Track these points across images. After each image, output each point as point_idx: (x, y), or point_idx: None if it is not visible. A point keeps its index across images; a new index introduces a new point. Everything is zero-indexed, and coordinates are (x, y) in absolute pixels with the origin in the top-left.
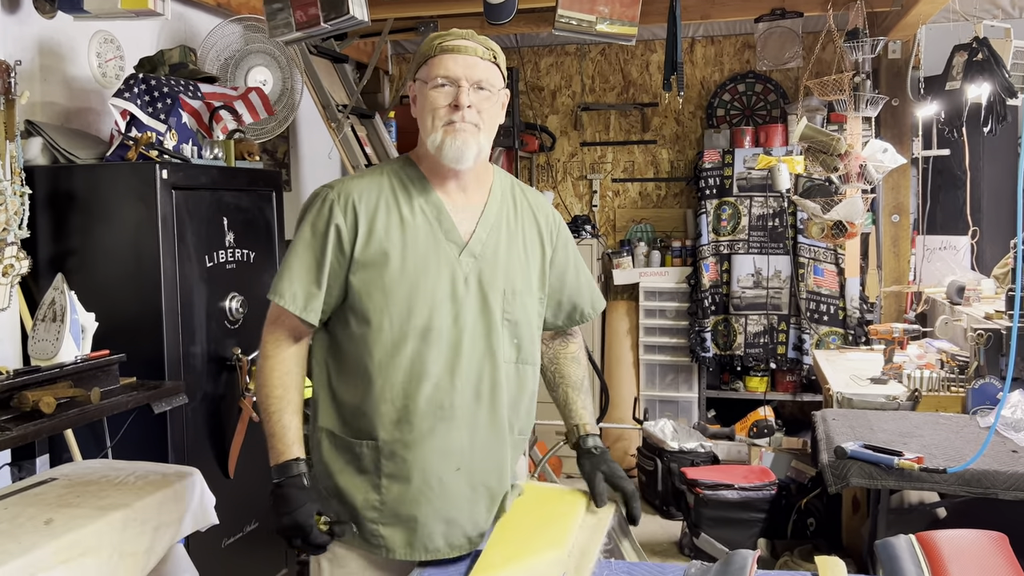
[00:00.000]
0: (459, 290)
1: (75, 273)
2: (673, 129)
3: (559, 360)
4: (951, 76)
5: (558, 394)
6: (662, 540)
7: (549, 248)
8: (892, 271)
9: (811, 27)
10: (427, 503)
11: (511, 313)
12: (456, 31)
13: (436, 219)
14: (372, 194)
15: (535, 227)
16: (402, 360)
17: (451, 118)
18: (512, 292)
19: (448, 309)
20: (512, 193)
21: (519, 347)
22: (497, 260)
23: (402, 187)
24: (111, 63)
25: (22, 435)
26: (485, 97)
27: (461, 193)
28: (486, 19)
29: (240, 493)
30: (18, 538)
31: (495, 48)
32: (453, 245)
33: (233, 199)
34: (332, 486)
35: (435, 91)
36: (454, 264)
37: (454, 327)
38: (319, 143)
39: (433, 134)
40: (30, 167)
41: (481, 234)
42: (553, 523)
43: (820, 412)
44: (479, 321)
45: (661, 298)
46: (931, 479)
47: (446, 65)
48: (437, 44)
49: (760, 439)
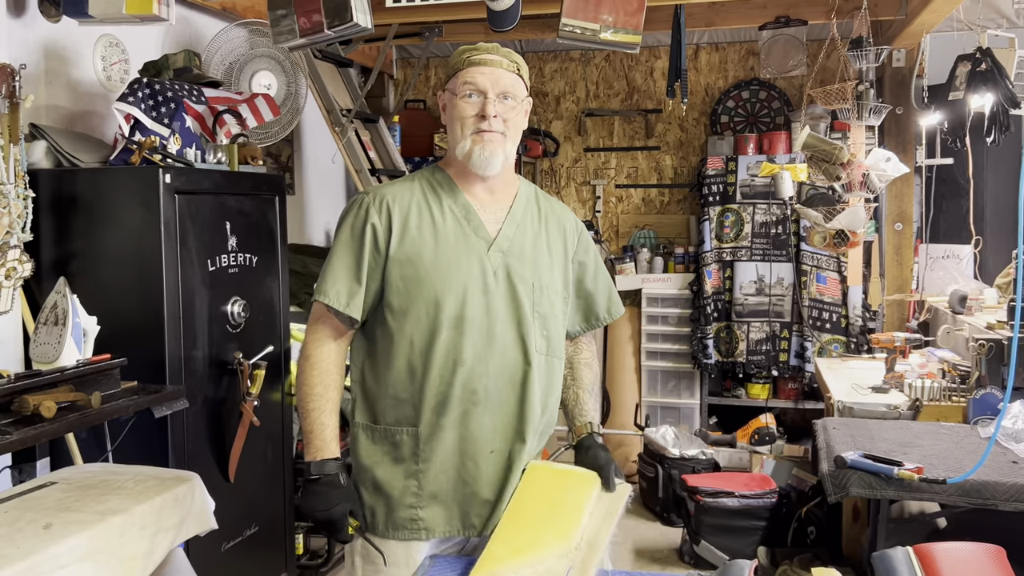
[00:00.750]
0: (489, 282)
1: (78, 277)
2: (677, 135)
3: (574, 364)
4: (954, 86)
5: (568, 395)
6: (662, 547)
7: (572, 249)
8: (895, 279)
9: (815, 35)
10: (464, 484)
11: (540, 306)
12: (483, 45)
13: (465, 218)
14: (405, 196)
15: (560, 230)
16: (438, 348)
17: (479, 127)
18: (540, 286)
19: (479, 299)
20: (536, 200)
21: (548, 340)
22: (524, 255)
23: (432, 191)
24: (116, 67)
25: (22, 439)
26: (510, 107)
27: (489, 195)
28: (490, 26)
29: (240, 497)
30: (17, 542)
31: (519, 60)
32: (482, 241)
33: (236, 203)
34: (370, 479)
35: (463, 101)
36: (483, 258)
37: (486, 317)
38: (323, 147)
39: (462, 142)
40: (34, 170)
41: (508, 231)
42: (562, 511)
43: (821, 421)
44: (510, 312)
45: (663, 304)
46: (931, 490)
47: (473, 77)
48: (465, 57)
49: (761, 446)
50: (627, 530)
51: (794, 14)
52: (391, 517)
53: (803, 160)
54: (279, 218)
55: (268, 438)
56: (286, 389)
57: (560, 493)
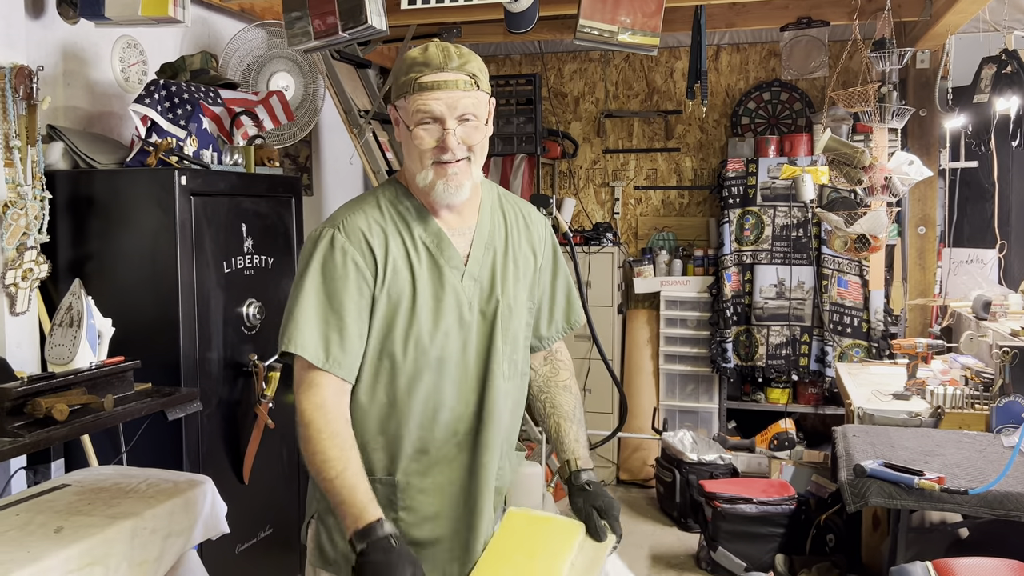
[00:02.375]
0: (465, 316)
1: (93, 278)
2: (697, 137)
3: (550, 389)
4: (979, 89)
5: (549, 425)
6: (679, 553)
7: (540, 253)
8: (917, 284)
9: (837, 36)
10: (445, 526)
11: (508, 331)
12: (432, 55)
13: (437, 247)
14: (377, 229)
15: (528, 236)
16: (419, 393)
17: (440, 158)
18: (508, 310)
19: (457, 336)
20: (501, 206)
21: (515, 363)
22: (494, 279)
23: (400, 219)
24: (134, 68)
25: (34, 442)
26: (473, 128)
27: (457, 216)
28: (507, 28)
29: (255, 499)
30: (27, 546)
31: (476, 70)
32: (455, 271)
33: (252, 205)
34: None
35: (420, 130)
36: (458, 291)
37: (463, 354)
38: (341, 148)
39: (423, 172)
40: (51, 171)
41: (477, 254)
42: (540, 562)
43: (841, 428)
44: (483, 344)
45: (682, 307)
46: (952, 500)
47: (427, 104)
48: (414, 80)
49: (781, 452)
50: (644, 535)
51: (816, 15)
52: None
53: (824, 163)
54: (295, 219)
55: (283, 440)
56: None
57: (539, 542)
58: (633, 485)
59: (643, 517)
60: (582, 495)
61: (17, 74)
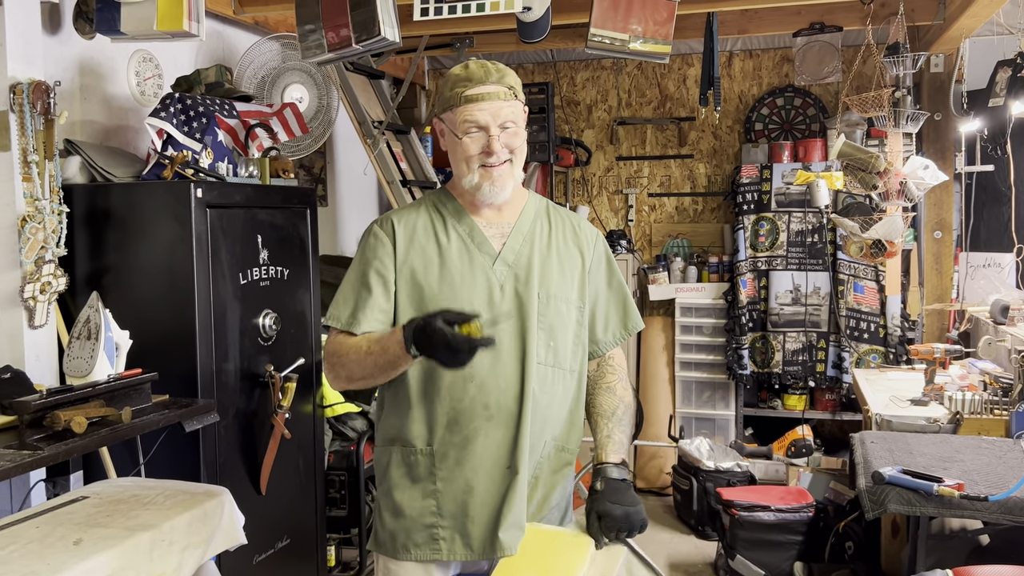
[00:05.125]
0: (495, 296)
1: (111, 291)
2: (710, 143)
3: (594, 390)
4: (994, 92)
5: (591, 424)
6: (696, 561)
7: (588, 259)
8: (934, 289)
9: (851, 41)
10: (482, 503)
11: (546, 317)
12: (474, 70)
13: (469, 235)
14: (411, 218)
15: (575, 240)
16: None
17: (486, 162)
18: (547, 297)
19: (485, 313)
20: (547, 213)
21: (555, 350)
22: (532, 267)
23: (437, 213)
24: (150, 81)
25: (53, 455)
26: (513, 134)
27: (496, 213)
28: (520, 38)
29: (272, 510)
30: (46, 558)
31: (513, 82)
32: (486, 256)
33: (267, 216)
34: (390, 503)
35: (467, 138)
36: (488, 272)
37: (492, 331)
38: (355, 159)
39: (469, 175)
40: (68, 185)
41: (513, 244)
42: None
43: (858, 435)
44: (515, 324)
45: (698, 314)
46: (972, 507)
47: (473, 115)
48: (460, 94)
49: (798, 459)
50: (661, 544)
51: (829, 20)
52: (410, 538)
53: (839, 168)
54: (310, 230)
55: (300, 450)
56: (317, 401)
57: (551, 557)
58: (650, 493)
59: (660, 525)
60: (591, 497)
61: (35, 89)
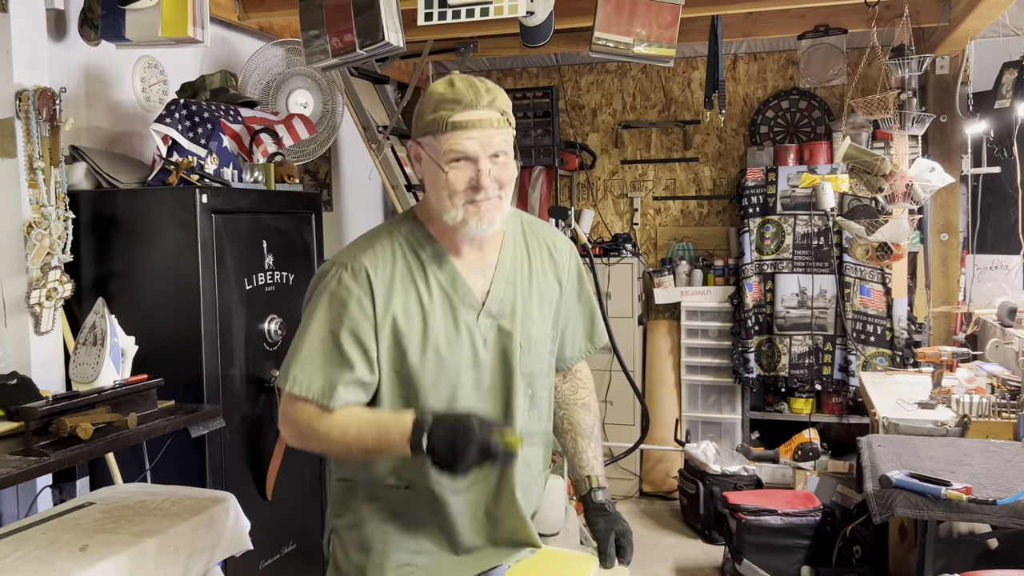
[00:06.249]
0: (480, 354)
1: (116, 296)
2: (715, 146)
3: (568, 406)
4: (1000, 94)
5: (566, 440)
6: (703, 565)
7: (565, 280)
8: (941, 291)
9: (856, 43)
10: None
11: (527, 366)
12: (461, 91)
13: (451, 286)
14: (386, 265)
15: (552, 266)
16: None
17: (474, 198)
18: (528, 345)
19: (470, 376)
20: (524, 235)
21: (532, 396)
22: (515, 314)
23: (415, 257)
24: (155, 88)
25: (59, 461)
26: (504, 165)
27: (477, 252)
28: (523, 42)
29: (278, 515)
30: (53, 564)
31: (504, 105)
32: (470, 310)
33: (272, 222)
34: (357, 538)
35: (451, 170)
36: (473, 330)
37: (476, 391)
38: (360, 164)
39: (453, 212)
40: (74, 191)
41: (497, 292)
42: None
43: (866, 438)
44: (498, 380)
45: (703, 318)
46: (980, 511)
47: (461, 144)
48: (445, 118)
49: (805, 462)
50: (668, 548)
51: (833, 23)
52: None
53: (845, 171)
54: (316, 235)
55: (305, 456)
56: None
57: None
58: (656, 497)
59: (667, 529)
60: (603, 517)
61: (40, 96)
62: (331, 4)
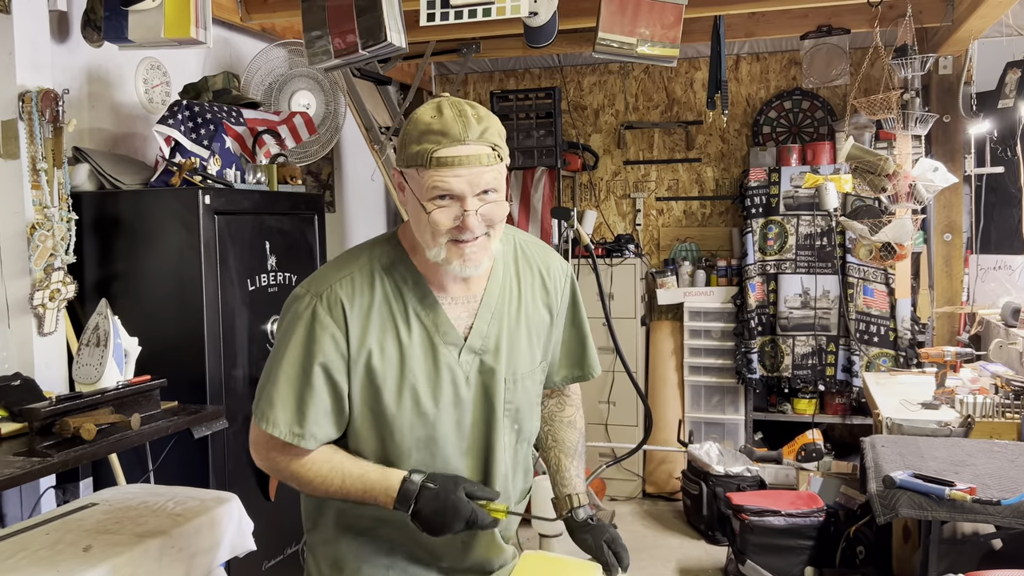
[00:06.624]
0: (461, 392)
1: (120, 297)
2: (718, 147)
3: (553, 423)
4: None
5: (549, 457)
6: (707, 566)
7: (557, 306)
8: (944, 291)
9: (858, 43)
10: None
11: (513, 401)
12: (449, 122)
13: (432, 323)
14: (363, 298)
15: (543, 294)
16: (406, 467)
17: (459, 237)
18: (514, 379)
19: (451, 415)
20: (516, 261)
21: (519, 431)
22: (500, 349)
23: (394, 288)
24: (158, 89)
25: (63, 461)
26: (493, 203)
27: (460, 284)
28: (526, 43)
29: (281, 516)
30: (56, 565)
31: (497, 138)
32: (452, 347)
33: (275, 223)
34: (330, 555)
35: (436, 208)
36: (454, 368)
37: (457, 430)
38: (363, 165)
39: (436, 249)
40: (77, 193)
41: (481, 327)
42: None
43: (869, 439)
44: (480, 418)
45: (706, 318)
46: (984, 511)
47: (447, 182)
48: (430, 153)
49: (808, 463)
50: (671, 549)
51: (836, 23)
52: None
53: (848, 171)
54: (318, 236)
55: None
56: None
57: None
58: (659, 498)
59: (670, 531)
60: (590, 530)
61: (43, 97)
62: (333, 5)
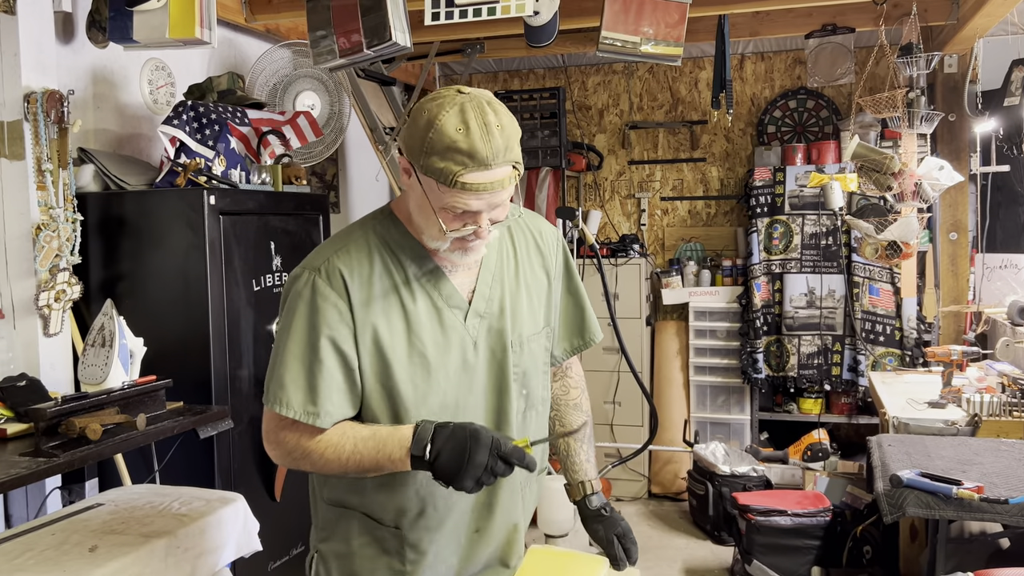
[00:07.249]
0: (469, 358)
1: (125, 298)
2: (723, 146)
3: (560, 407)
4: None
5: (559, 444)
6: (713, 567)
7: (553, 270)
8: (950, 290)
9: (863, 42)
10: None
11: (520, 365)
12: (477, 144)
13: (435, 287)
14: (362, 267)
15: (539, 259)
16: None
17: (463, 235)
18: (520, 343)
19: (461, 380)
20: (510, 231)
21: (528, 396)
22: (504, 312)
23: (392, 255)
24: (162, 90)
25: (68, 462)
26: (502, 208)
27: None
28: (527, 42)
29: (287, 516)
30: (63, 565)
31: (518, 155)
32: (457, 311)
33: (280, 223)
34: (347, 569)
35: (451, 217)
36: (462, 332)
37: (469, 396)
38: (367, 165)
39: (439, 241)
40: (82, 194)
41: (483, 289)
42: None
43: (876, 438)
44: (489, 383)
45: (712, 318)
46: (992, 510)
47: (467, 203)
48: (455, 175)
49: (814, 463)
50: (677, 549)
51: (841, 22)
52: None
53: (853, 170)
54: (323, 237)
55: None
56: None
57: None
58: (665, 498)
59: (676, 531)
60: (601, 522)
61: (48, 98)
62: (338, 4)
